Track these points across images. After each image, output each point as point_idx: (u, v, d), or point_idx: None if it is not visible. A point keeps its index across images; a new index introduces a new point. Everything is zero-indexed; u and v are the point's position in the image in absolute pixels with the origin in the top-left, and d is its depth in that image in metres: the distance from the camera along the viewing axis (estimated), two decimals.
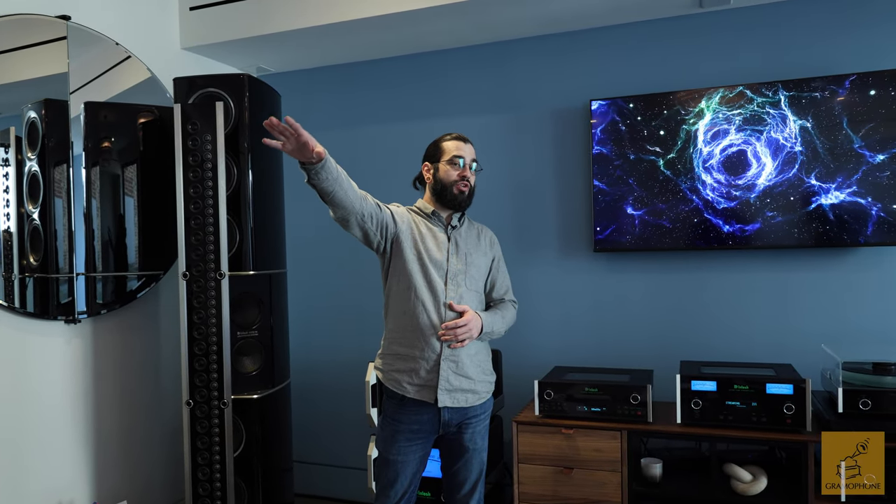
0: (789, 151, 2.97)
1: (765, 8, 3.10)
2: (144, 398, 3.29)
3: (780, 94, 2.97)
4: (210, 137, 2.86)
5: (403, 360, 2.32)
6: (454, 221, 2.42)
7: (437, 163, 2.39)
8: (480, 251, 2.43)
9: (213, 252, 2.85)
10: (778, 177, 2.99)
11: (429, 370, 2.28)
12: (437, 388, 2.27)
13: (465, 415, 2.35)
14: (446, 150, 2.39)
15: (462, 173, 2.36)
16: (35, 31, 2.86)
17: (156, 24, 3.42)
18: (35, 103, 2.85)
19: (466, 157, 2.38)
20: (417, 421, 2.32)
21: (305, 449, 3.91)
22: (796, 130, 2.96)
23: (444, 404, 2.29)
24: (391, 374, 2.34)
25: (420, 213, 2.43)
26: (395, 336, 2.35)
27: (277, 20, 3.35)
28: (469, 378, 2.33)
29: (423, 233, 2.36)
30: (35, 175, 2.84)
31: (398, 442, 2.33)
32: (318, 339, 3.93)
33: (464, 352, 2.31)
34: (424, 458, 2.40)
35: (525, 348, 3.42)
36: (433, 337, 2.28)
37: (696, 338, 3.21)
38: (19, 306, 2.78)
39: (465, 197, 2.38)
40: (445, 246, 2.36)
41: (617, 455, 2.82)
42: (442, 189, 2.37)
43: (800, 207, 2.97)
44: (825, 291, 3.04)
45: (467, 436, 2.37)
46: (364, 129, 3.84)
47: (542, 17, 3.24)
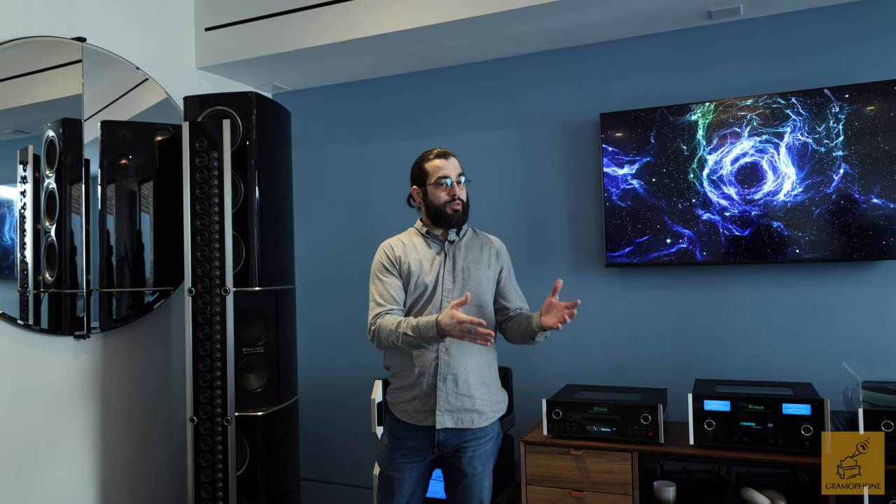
0: (804, 162, 2.88)
1: (775, 18, 3.04)
2: (152, 414, 3.30)
3: (795, 105, 2.89)
4: (217, 154, 2.89)
5: (408, 391, 2.30)
6: (451, 236, 2.37)
7: (425, 186, 2.35)
8: (483, 264, 2.37)
9: (219, 268, 2.87)
10: (792, 188, 2.89)
11: (427, 392, 2.25)
12: (436, 409, 2.24)
13: (463, 437, 2.28)
14: (430, 171, 2.34)
15: (451, 193, 2.31)
16: (51, 54, 2.94)
17: (171, 45, 3.50)
18: (54, 122, 2.92)
19: (452, 174, 2.32)
20: (413, 438, 2.29)
21: (314, 467, 3.89)
22: (811, 141, 2.87)
23: (444, 425, 2.24)
24: (401, 406, 2.33)
25: (416, 234, 2.41)
26: (396, 370, 2.35)
27: (291, 39, 3.39)
28: (471, 397, 2.27)
29: (417, 259, 2.33)
30: (52, 192, 2.90)
31: (394, 458, 2.31)
32: (327, 356, 3.92)
33: (462, 368, 2.26)
34: (423, 479, 2.36)
35: (536, 365, 3.36)
36: (427, 361, 2.25)
37: (713, 355, 3.11)
38: (33, 322, 2.82)
39: (459, 215, 2.33)
40: (439, 266, 2.32)
41: (628, 478, 2.72)
42: (435, 212, 2.33)
43: (817, 220, 2.87)
44: (849, 306, 2.92)
45: (465, 460, 2.29)
46: (377, 145, 3.85)
47: (551, 32, 3.22)
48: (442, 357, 2.25)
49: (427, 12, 3.10)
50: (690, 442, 2.67)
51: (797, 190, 2.90)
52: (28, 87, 2.90)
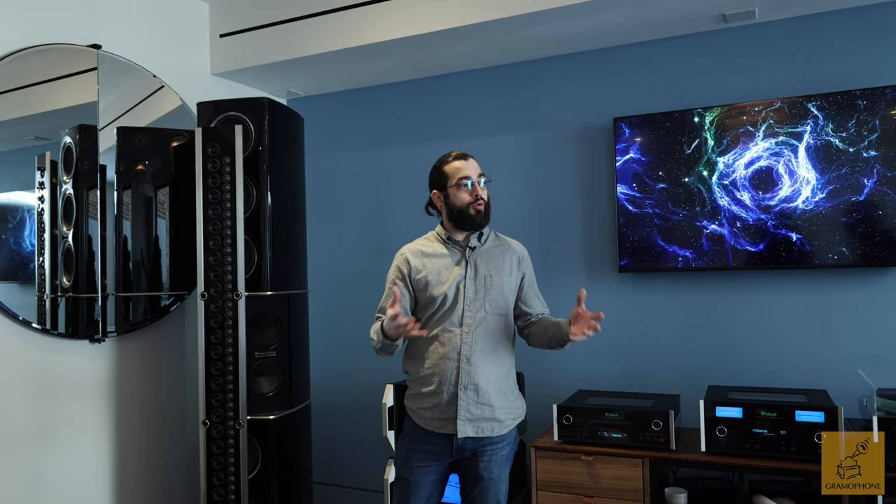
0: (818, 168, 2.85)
1: (790, 22, 3.01)
2: (167, 418, 3.34)
3: (810, 109, 2.86)
4: (229, 160, 2.92)
5: (427, 398, 2.30)
6: (472, 242, 2.35)
7: (446, 189, 2.33)
8: (505, 271, 2.36)
9: (231, 272, 2.89)
10: (813, 195, 2.86)
11: (448, 401, 2.25)
12: (457, 418, 2.24)
13: (481, 442, 2.29)
14: (450, 174, 2.33)
15: (474, 193, 2.30)
16: (67, 61, 2.98)
17: (186, 52, 3.53)
18: (70, 129, 2.96)
19: (473, 175, 2.32)
20: (431, 443, 2.30)
21: (327, 471, 3.90)
22: (826, 146, 2.83)
23: (465, 434, 2.24)
24: (419, 412, 2.34)
25: (437, 240, 2.40)
26: (415, 377, 2.35)
27: (305, 45, 3.41)
28: (491, 406, 2.27)
29: (436, 268, 2.32)
30: (69, 198, 2.94)
31: (412, 461, 2.32)
32: (340, 360, 3.93)
33: (483, 378, 2.26)
34: (440, 483, 2.36)
35: (548, 371, 3.35)
36: (448, 370, 2.25)
37: (727, 361, 3.08)
38: (50, 327, 2.86)
39: (483, 216, 2.32)
40: (461, 274, 2.31)
41: (639, 484, 2.70)
42: (459, 214, 2.31)
43: (832, 225, 2.83)
44: (864, 313, 2.88)
45: (482, 464, 2.30)
46: (392, 150, 3.87)
47: (565, 36, 3.22)
48: (463, 367, 2.25)
49: (440, 17, 3.11)
50: (702, 449, 2.65)
51: (817, 196, 2.86)
52: (45, 94, 2.94)
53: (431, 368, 2.28)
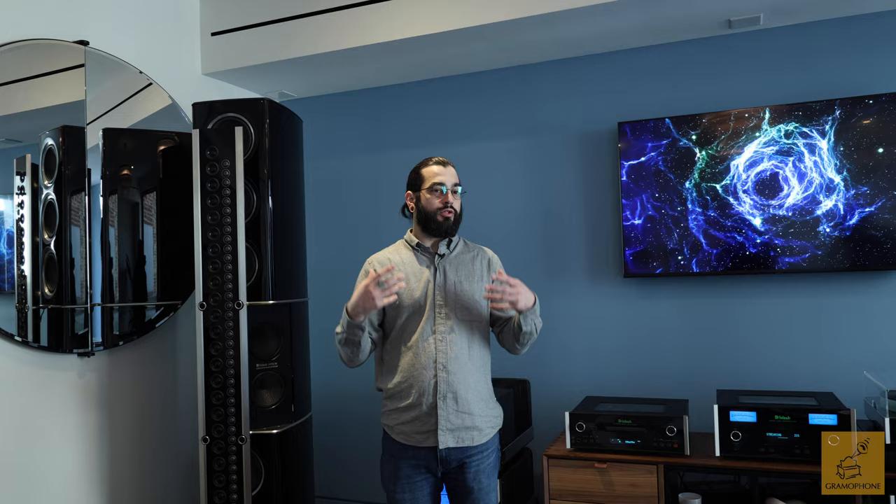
0: (824, 172, 2.89)
1: (795, 28, 3.04)
2: (160, 434, 3.18)
3: (813, 115, 2.90)
4: (229, 163, 2.79)
5: (406, 412, 2.24)
6: (441, 249, 2.31)
7: (419, 191, 2.30)
8: (475, 276, 2.31)
9: (231, 281, 2.77)
10: (813, 198, 2.90)
11: (428, 412, 2.19)
12: (437, 429, 2.18)
13: (465, 452, 2.23)
14: (426, 177, 2.29)
15: (444, 200, 2.26)
16: (52, 57, 2.82)
17: (177, 50, 3.39)
18: (52, 130, 2.80)
19: (448, 182, 2.27)
20: (415, 456, 2.24)
21: (328, 484, 3.80)
22: (830, 151, 2.88)
23: (445, 445, 2.19)
24: (398, 428, 2.27)
25: (406, 247, 2.35)
26: (391, 392, 2.28)
27: (299, 45, 3.31)
28: (471, 414, 2.22)
29: (405, 275, 2.25)
30: (51, 203, 2.78)
31: (400, 479, 2.26)
32: (339, 371, 3.80)
33: (462, 385, 2.21)
34: (433, 499, 2.30)
35: (554, 377, 3.32)
36: (426, 380, 2.20)
37: (732, 365, 3.10)
38: (32, 340, 2.70)
39: (450, 224, 2.27)
40: (427, 281, 2.26)
41: (653, 490, 2.69)
42: (426, 218, 2.28)
43: (839, 230, 2.87)
44: (866, 316, 2.93)
45: (470, 475, 2.24)
46: (387, 153, 3.78)
47: (567, 40, 3.19)
48: (441, 375, 2.20)
49: (442, 19, 3.04)
50: (716, 453, 2.65)
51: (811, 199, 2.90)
52: (25, 92, 2.77)
53: (408, 380, 2.22)
